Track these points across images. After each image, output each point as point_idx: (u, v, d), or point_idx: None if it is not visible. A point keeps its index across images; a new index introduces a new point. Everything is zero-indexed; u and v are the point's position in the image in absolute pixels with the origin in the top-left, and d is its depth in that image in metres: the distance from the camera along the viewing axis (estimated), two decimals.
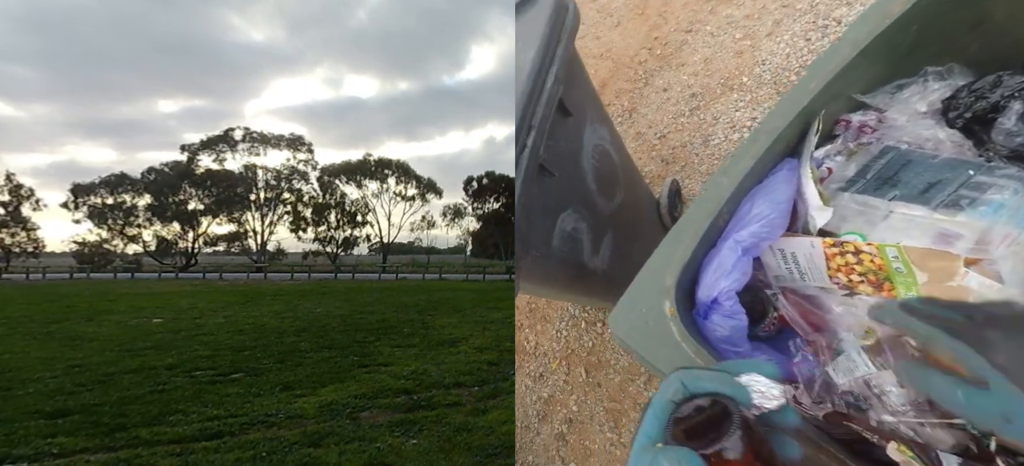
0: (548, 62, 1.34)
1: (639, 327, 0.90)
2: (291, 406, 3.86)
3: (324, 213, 32.52)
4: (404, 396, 4.07)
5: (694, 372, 0.41)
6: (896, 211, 0.88)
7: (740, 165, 0.98)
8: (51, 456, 3.04)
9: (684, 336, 0.84)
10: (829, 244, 0.88)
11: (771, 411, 0.40)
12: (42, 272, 23.04)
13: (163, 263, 29.41)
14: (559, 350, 2.64)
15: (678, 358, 0.83)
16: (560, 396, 2.49)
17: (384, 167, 33.52)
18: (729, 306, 0.88)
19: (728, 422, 0.37)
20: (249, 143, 31.30)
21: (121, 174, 29.42)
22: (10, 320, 8.37)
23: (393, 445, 3.07)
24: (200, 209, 30.27)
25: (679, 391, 0.40)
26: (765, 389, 0.40)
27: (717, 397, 0.39)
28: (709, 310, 0.91)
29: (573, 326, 2.65)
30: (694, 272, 0.96)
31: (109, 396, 4.11)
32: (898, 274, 0.83)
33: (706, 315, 0.91)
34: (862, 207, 0.92)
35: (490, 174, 33.62)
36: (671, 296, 0.89)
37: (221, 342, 6.48)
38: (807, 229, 0.96)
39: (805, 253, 0.92)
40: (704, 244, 0.95)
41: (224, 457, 2.97)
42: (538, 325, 2.85)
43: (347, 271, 26.37)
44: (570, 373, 2.52)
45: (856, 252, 0.86)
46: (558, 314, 2.77)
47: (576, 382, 2.46)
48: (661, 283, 0.92)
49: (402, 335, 6.97)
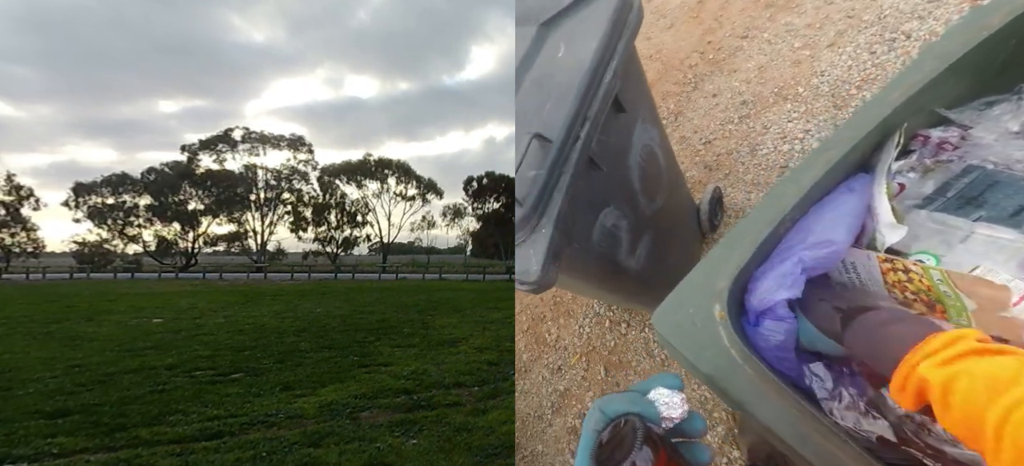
0: (608, 56, 1.33)
1: (684, 327, 0.89)
2: (291, 406, 3.86)
3: (324, 213, 32.51)
4: (404, 396, 4.07)
5: (609, 398, 0.44)
6: (979, 232, 0.85)
7: (808, 175, 0.96)
8: (51, 456, 3.03)
9: (732, 341, 0.83)
10: (882, 259, 0.87)
11: (680, 420, 0.44)
12: (42, 272, 23.03)
13: (163, 263, 29.40)
14: (580, 346, 2.62)
15: (722, 362, 0.83)
16: (576, 391, 2.47)
17: (384, 167, 33.51)
18: (783, 313, 0.87)
19: (634, 438, 0.41)
20: (249, 143, 31.31)
21: (122, 174, 29.43)
22: (10, 320, 8.36)
23: (393, 445, 3.07)
24: (200, 209, 30.26)
25: (599, 420, 0.43)
26: (668, 400, 0.44)
27: (628, 417, 0.42)
28: (761, 317, 0.89)
29: (597, 324, 2.63)
30: (745, 280, 0.94)
31: (109, 396, 4.11)
32: (946, 297, 0.80)
33: (757, 322, 0.89)
34: (940, 226, 0.89)
35: (490, 174, 33.61)
36: (723, 300, 0.88)
37: (221, 342, 6.48)
38: (872, 244, 0.92)
39: (863, 264, 0.90)
40: (760, 252, 0.94)
41: (224, 457, 2.97)
42: (561, 318, 2.83)
43: (347, 271, 26.36)
44: (589, 370, 2.50)
45: (906, 270, 0.84)
46: (582, 310, 2.75)
47: (594, 379, 2.45)
48: (713, 286, 0.91)
49: (402, 335, 6.97)
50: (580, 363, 2.56)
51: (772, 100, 2.67)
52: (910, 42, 2.31)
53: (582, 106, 1.26)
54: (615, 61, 1.34)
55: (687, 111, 3.04)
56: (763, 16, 3.11)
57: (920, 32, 2.30)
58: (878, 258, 0.87)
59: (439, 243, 43.95)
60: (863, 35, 2.52)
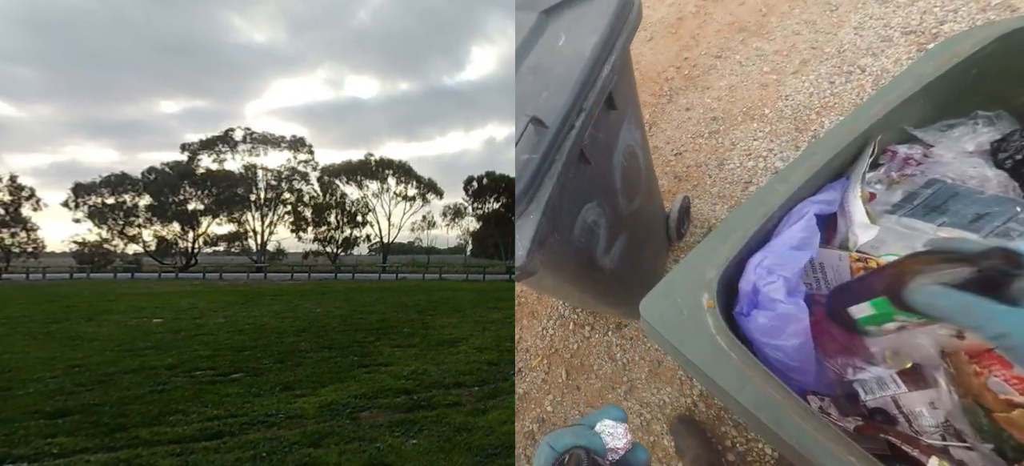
0: (607, 52, 1.34)
1: (672, 316, 0.92)
2: (291, 406, 3.86)
3: (324, 213, 32.51)
4: (404, 396, 4.07)
5: (557, 433, 0.47)
6: (942, 236, 0.94)
7: (796, 175, 1.04)
8: (51, 456, 3.03)
9: (720, 328, 0.86)
10: (854, 258, 0.93)
11: (624, 451, 0.46)
12: (42, 272, 23.02)
13: (163, 263, 29.40)
14: (543, 348, 2.64)
15: (709, 350, 0.85)
16: (535, 394, 2.49)
17: (384, 167, 33.51)
18: (778, 299, 0.89)
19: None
20: (250, 144, 31.31)
21: (122, 174, 29.42)
22: (10, 320, 8.36)
23: (393, 445, 3.07)
24: (200, 209, 30.25)
25: (549, 455, 0.45)
26: (612, 431, 0.46)
27: (577, 451, 0.45)
28: (753, 304, 0.92)
29: (561, 326, 2.66)
30: (732, 273, 0.98)
31: (109, 396, 4.11)
32: None
33: (749, 310, 0.92)
34: (907, 230, 0.97)
35: (490, 174, 33.62)
36: (712, 289, 0.91)
37: (221, 342, 6.48)
38: (845, 245, 0.99)
39: (833, 265, 0.96)
40: (749, 245, 0.99)
41: (224, 457, 2.97)
42: (524, 320, 2.86)
43: (347, 271, 26.36)
44: (550, 372, 2.52)
45: (879, 268, 0.88)
46: (547, 312, 2.78)
47: (555, 382, 2.46)
48: (702, 276, 0.94)
49: (402, 335, 6.97)
50: (541, 365, 2.58)
51: (740, 119, 2.83)
52: (865, 76, 2.51)
53: (579, 97, 1.27)
54: (614, 56, 1.35)
55: (661, 122, 3.18)
56: (736, 39, 3.31)
57: (874, 67, 2.51)
58: (850, 257, 0.93)
59: (439, 243, 44.01)
60: (825, 65, 2.73)
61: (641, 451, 0.48)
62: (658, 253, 2.25)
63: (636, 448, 0.47)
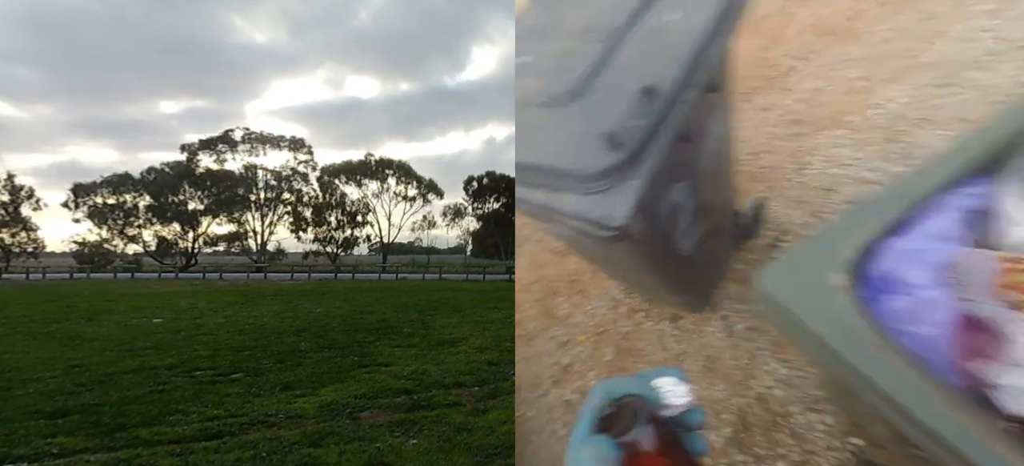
0: (727, 26, 1.29)
1: (799, 288, 0.93)
2: (291, 406, 3.86)
3: (324, 213, 32.51)
4: (404, 396, 4.07)
5: (615, 380, 0.46)
6: None
7: (942, 167, 1.02)
8: (51, 456, 3.03)
9: (858, 308, 0.86)
10: (1006, 258, 0.87)
11: (680, 411, 0.46)
12: (42, 272, 23.02)
13: (163, 263, 29.39)
14: (591, 326, 2.61)
15: (832, 326, 0.86)
16: (579, 367, 2.46)
17: (385, 167, 33.52)
18: (912, 286, 0.88)
19: (636, 416, 0.43)
20: (249, 144, 31.32)
21: (122, 174, 29.43)
22: (10, 320, 8.36)
23: (393, 445, 3.07)
24: (200, 209, 30.26)
25: (603, 396, 0.45)
26: (673, 389, 0.46)
27: (633, 398, 0.44)
28: (884, 289, 0.91)
29: (613, 308, 2.61)
30: (869, 253, 0.97)
31: (109, 396, 4.11)
32: None
33: (877, 295, 0.92)
34: None
35: (490, 174, 33.62)
36: (847, 269, 0.91)
37: (221, 342, 6.48)
38: (993, 244, 0.95)
39: (978, 263, 0.90)
40: (885, 232, 0.98)
41: (224, 457, 2.97)
42: (575, 296, 2.81)
43: (347, 271, 26.35)
44: (596, 351, 2.49)
45: None
46: (598, 293, 2.74)
47: (600, 361, 2.43)
48: (834, 255, 0.95)
49: (402, 335, 6.98)
50: (588, 343, 2.55)
51: (824, 123, 2.70)
52: (971, 89, 2.35)
53: (694, 71, 1.22)
54: (732, 33, 1.31)
55: (736, 120, 3.13)
56: (821, 41, 3.16)
57: (983, 81, 2.35)
58: (999, 257, 0.88)
59: (439, 243, 43.90)
60: (923, 75, 2.56)
61: (698, 412, 0.47)
62: (728, 249, 2.21)
63: (693, 409, 0.46)
